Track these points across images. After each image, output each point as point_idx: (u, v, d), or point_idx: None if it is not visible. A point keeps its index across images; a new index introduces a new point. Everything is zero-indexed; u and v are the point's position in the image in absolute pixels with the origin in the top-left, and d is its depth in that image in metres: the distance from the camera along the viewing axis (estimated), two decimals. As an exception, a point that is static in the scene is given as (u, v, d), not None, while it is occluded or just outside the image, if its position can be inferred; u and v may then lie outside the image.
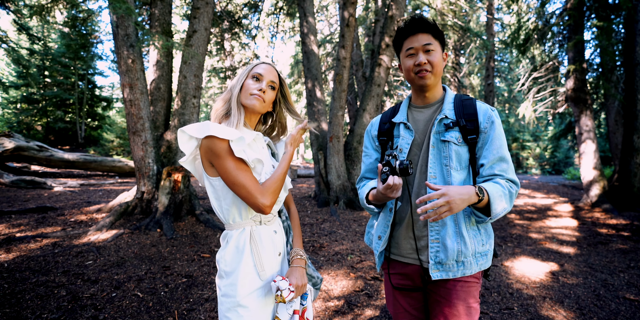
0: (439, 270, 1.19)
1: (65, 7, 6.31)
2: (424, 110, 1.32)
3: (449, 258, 1.18)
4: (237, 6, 10.60)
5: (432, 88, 1.28)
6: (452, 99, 1.29)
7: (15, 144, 9.06)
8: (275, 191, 1.13)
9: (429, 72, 1.22)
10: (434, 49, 1.21)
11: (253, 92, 1.20)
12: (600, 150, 15.90)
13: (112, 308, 2.49)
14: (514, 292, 3.02)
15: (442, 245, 1.19)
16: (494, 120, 1.22)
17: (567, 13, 7.31)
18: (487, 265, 1.24)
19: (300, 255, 1.27)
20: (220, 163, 1.10)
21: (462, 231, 1.18)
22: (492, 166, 1.20)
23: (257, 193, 1.09)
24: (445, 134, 1.23)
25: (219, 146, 1.08)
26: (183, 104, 5.06)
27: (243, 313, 1.11)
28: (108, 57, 22.07)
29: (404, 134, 1.31)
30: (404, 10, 7.19)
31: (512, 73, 20.00)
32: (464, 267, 1.18)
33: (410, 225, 1.27)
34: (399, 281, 1.34)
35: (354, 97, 12.20)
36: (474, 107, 1.24)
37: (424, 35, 1.22)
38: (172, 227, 4.46)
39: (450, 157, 1.21)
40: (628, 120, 6.87)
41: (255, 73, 1.22)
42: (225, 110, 1.22)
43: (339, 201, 6.78)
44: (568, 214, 6.75)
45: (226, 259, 1.18)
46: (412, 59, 1.23)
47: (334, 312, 2.57)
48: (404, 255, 1.30)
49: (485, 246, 1.22)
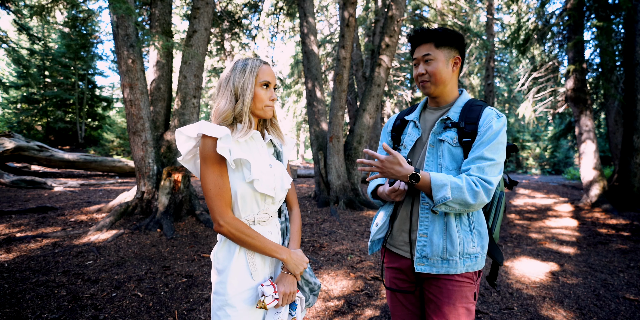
0: (423, 263, 1.23)
1: (65, 7, 6.32)
2: (434, 111, 1.38)
3: (433, 253, 1.21)
4: (237, 6, 10.60)
5: (438, 95, 1.33)
6: (462, 103, 1.31)
7: (15, 144, 9.06)
8: (238, 229, 1.10)
9: (428, 82, 1.29)
10: (432, 58, 1.26)
11: (268, 104, 1.19)
12: (600, 150, 15.90)
13: (112, 308, 2.50)
14: (513, 292, 3.02)
15: (429, 240, 1.22)
16: (491, 125, 1.21)
17: (567, 13, 7.31)
18: (476, 268, 1.24)
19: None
20: (201, 166, 1.11)
21: (451, 230, 1.21)
22: (469, 162, 1.19)
23: (217, 211, 1.09)
24: (442, 134, 1.27)
25: (207, 146, 1.08)
26: (183, 104, 5.07)
27: (231, 313, 1.10)
28: (108, 57, 22.11)
29: (411, 132, 1.37)
30: (404, 10, 7.19)
31: (512, 73, 20.00)
32: (449, 265, 1.20)
33: (405, 219, 1.32)
34: (394, 275, 1.38)
35: (354, 97, 12.21)
36: (479, 113, 1.25)
37: (425, 45, 1.27)
38: (172, 227, 4.47)
39: (444, 157, 1.25)
40: (628, 120, 6.87)
41: (265, 81, 1.17)
42: (232, 119, 1.16)
43: (339, 201, 6.78)
44: (568, 214, 6.75)
45: (218, 256, 1.18)
46: (416, 69, 1.31)
47: (334, 312, 2.57)
48: (397, 247, 1.35)
49: (475, 248, 1.22)
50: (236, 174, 1.13)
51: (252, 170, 1.11)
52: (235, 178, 1.13)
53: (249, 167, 1.13)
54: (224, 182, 1.11)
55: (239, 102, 1.15)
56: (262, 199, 1.18)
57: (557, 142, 21.24)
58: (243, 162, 1.14)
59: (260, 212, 1.19)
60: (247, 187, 1.13)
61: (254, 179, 1.11)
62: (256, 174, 1.12)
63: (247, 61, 1.18)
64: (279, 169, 1.25)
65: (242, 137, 1.14)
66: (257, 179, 1.12)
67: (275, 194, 1.20)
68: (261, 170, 1.15)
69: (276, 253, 1.14)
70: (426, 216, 1.24)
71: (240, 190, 1.12)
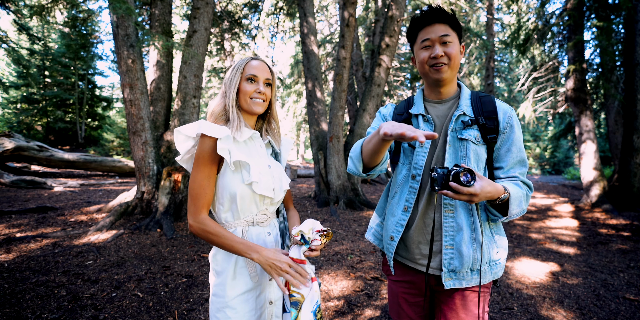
0: (451, 278, 1.11)
1: (65, 7, 6.31)
2: (438, 105, 1.23)
3: (464, 266, 1.10)
4: (237, 6, 10.60)
5: (448, 82, 1.19)
6: (468, 95, 1.21)
7: (15, 144, 9.06)
8: (205, 228, 1.07)
9: (446, 65, 1.12)
10: (451, 40, 1.12)
11: (253, 96, 1.17)
12: (600, 150, 15.91)
13: (112, 308, 2.49)
14: (514, 292, 3.02)
15: (457, 252, 1.10)
16: (513, 121, 1.15)
17: (567, 13, 7.32)
18: (500, 273, 1.18)
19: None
20: (193, 165, 1.11)
21: (479, 237, 1.10)
22: (513, 168, 1.15)
23: (191, 210, 1.09)
24: (463, 132, 1.13)
25: (204, 146, 1.08)
26: (183, 104, 5.07)
27: (231, 315, 1.09)
28: (108, 57, 22.11)
29: (424, 127, 1.20)
30: (404, 10, 7.19)
31: (512, 73, 20.00)
32: (479, 275, 1.11)
33: (422, 229, 1.17)
34: (405, 290, 1.27)
35: (354, 97, 12.21)
36: (494, 105, 1.17)
37: (441, 25, 1.11)
38: (172, 227, 4.46)
39: (468, 157, 1.12)
40: (628, 120, 6.87)
41: (250, 75, 1.16)
42: (224, 116, 1.18)
43: (339, 201, 6.78)
44: (568, 214, 6.75)
45: (217, 258, 1.17)
46: (428, 51, 1.13)
47: (334, 312, 2.57)
48: (413, 261, 1.21)
49: (499, 254, 1.17)
50: (235, 175, 1.13)
51: (252, 173, 1.12)
52: (234, 179, 1.12)
53: (248, 169, 1.13)
54: (209, 183, 1.11)
55: (227, 97, 1.17)
56: (260, 200, 1.18)
57: (557, 142, 21.26)
58: (242, 164, 1.14)
59: (259, 213, 1.19)
60: (246, 188, 1.13)
61: (252, 182, 1.12)
62: (255, 176, 1.12)
63: (239, 60, 1.21)
64: (278, 169, 1.25)
65: (235, 132, 1.14)
66: (256, 181, 1.12)
67: (274, 194, 1.20)
68: (260, 171, 1.15)
69: (245, 253, 1.05)
70: (451, 226, 1.11)
71: (239, 191, 1.12)
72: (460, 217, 1.11)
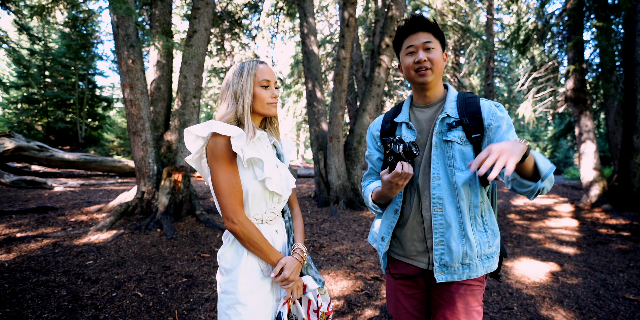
0: (443, 272, 1.17)
1: (65, 8, 6.32)
2: (425, 109, 1.29)
3: (454, 261, 1.15)
4: (237, 6, 10.61)
5: (433, 86, 1.25)
6: (454, 98, 1.25)
7: (15, 144, 9.07)
8: (250, 230, 1.12)
9: (429, 70, 1.20)
10: (434, 47, 1.20)
11: (270, 101, 1.20)
12: (600, 150, 15.91)
13: (113, 308, 2.50)
14: (513, 291, 3.02)
15: (447, 248, 1.16)
16: (497, 114, 1.18)
17: (567, 13, 7.32)
18: (494, 267, 1.21)
19: (301, 249, 1.25)
20: (213, 165, 1.11)
21: (468, 233, 1.15)
22: None
23: (231, 209, 1.11)
24: (448, 134, 1.19)
25: (219, 144, 1.09)
26: (183, 104, 5.07)
27: (242, 311, 1.10)
28: (108, 57, 22.10)
29: (406, 134, 1.28)
30: (404, 11, 7.19)
31: (511, 73, 20.01)
32: (470, 269, 1.16)
33: (414, 227, 1.24)
34: (400, 282, 1.33)
35: (354, 97, 12.22)
36: (477, 105, 1.21)
37: (424, 33, 1.20)
38: (172, 227, 4.47)
39: (454, 157, 1.18)
40: (627, 120, 6.87)
41: (264, 80, 1.19)
42: (235, 122, 1.18)
43: (339, 201, 6.78)
44: (568, 214, 6.75)
45: (227, 256, 1.18)
46: (412, 56, 1.22)
47: (334, 312, 2.58)
48: (409, 257, 1.28)
49: (491, 248, 1.20)
50: (247, 172, 1.15)
51: (265, 169, 1.14)
52: (246, 176, 1.15)
53: (261, 166, 1.15)
54: (237, 180, 1.13)
55: (239, 104, 1.17)
56: (270, 197, 1.20)
57: (557, 142, 21.24)
58: (255, 161, 1.16)
59: (268, 211, 1.21)
60: (258, 185, 1.15)
61: (265, 178, 1.14)
62: (267, 172, 1.14)
63: (244, 64, 1.21)
64: (284, 169, 1.28)
65: (251, 138, 1.16)
66: (269, 177, 1.15)
67: (283, 192, 1.23)
68: (271, 169, 1.18)
69: (273, 265, 1.17)
70: (440, 223, 1.18)
71: (251, 188, 1.14)
72: (448, 214, 1.16)
